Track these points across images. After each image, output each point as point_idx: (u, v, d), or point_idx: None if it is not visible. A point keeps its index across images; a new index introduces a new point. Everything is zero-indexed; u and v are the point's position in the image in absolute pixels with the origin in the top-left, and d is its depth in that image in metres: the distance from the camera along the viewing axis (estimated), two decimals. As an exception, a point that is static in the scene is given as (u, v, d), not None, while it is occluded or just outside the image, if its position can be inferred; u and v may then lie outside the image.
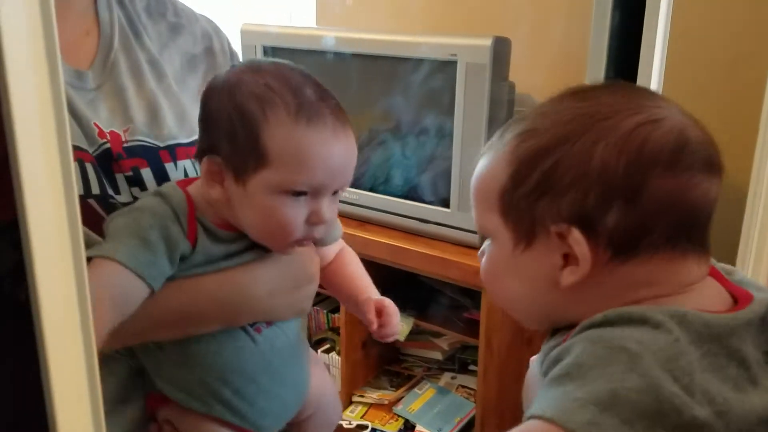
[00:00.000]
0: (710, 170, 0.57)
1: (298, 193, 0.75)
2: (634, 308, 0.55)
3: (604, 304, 0.56)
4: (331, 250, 0.94)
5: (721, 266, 0.63)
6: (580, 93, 0.61)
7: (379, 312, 0.88)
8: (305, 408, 0.91)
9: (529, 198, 0.58)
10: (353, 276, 0.94)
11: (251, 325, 0.82)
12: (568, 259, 0.58)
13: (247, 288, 0.80)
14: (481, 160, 0.64)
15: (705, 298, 0.58)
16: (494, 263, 0.64)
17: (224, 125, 0.75)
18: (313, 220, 0.77)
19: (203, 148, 0.79)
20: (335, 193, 0.79)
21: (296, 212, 0.75)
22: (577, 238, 0.56)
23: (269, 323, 0.83)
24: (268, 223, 0.76)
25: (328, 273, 0.92)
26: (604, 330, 0.54)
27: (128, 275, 0.71)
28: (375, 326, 0.87)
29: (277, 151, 0.73)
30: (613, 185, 0.55)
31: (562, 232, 0.57)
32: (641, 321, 0.53)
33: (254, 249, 0.81)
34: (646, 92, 0.61)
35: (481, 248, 0.67)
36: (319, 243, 0.89)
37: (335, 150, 0.75)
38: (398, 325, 0.88)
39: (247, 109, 0.74)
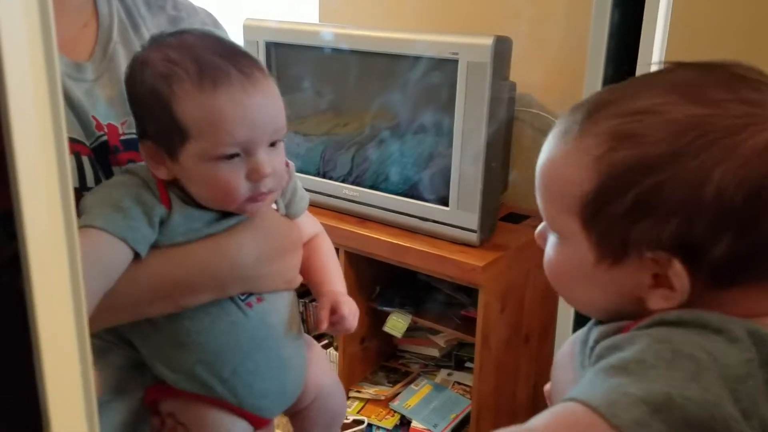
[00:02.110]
0: None
1: (230, 156, 0.75)
2: (712, 315, 0.50)
3: None
4: (305, 228, 0.94)
5: None
6: (694, 90, 0.52)
7: (334, 310, 0.88)
8: (305, 395, 0.92)
9: (623, 219, 0.52)
10: (322, 264, 0.95)
11: (243, 300, 0.82)
12: (659, 280, 0.52)
13: (233, 255, 0.81)
14: (553, 143, 0.57)
15: None
16: (567, 265, 0.58)
17: (144, 109, 0.78)
18: (254, 177, 0.77)
19: (138, 134, 0.81)
20: (273, 144, 0.79)
21: (234, 174, 0.76)
22: (677, 270, 0.51)
23: (260, 299, 0.84)
24: (211, 190, 0.78)
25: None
26: (675, 331, 0.50)
27: (109, 239, 0.72)
28: (324, 325, 0.88)
29: (192, 122, 0.74)
30: (729, 215, 0.49)
31: (660, 260, 0.51)
32: (717, 330, 0.49)
33: (234, 215, 0.82)
34: None
35: (540, 229, 0.61)
36: (291, 215, 0.90)
37: (249, 105, 0.75)
38: (350, 324, 0.89)
39: (156, 89, 0.75)
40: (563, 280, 0.60)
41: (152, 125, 0.77)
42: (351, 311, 0.89)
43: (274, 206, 0.87)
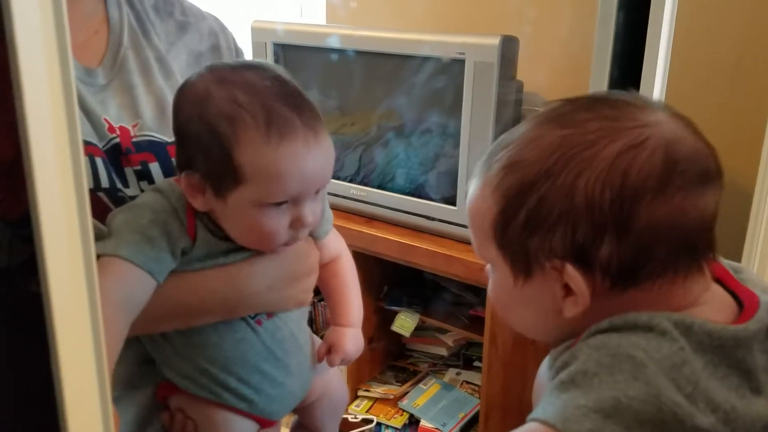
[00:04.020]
0: (706, 182, 0.55)
1: (279, 203, 0.76)
2: (640, 315, 0.54)
3: None
4: (327, 249, 0.94)
5: (728, 264, 0.62)
6: (563, 116, 0.58)
7: (329, 351, 0.92)
8: (311, 393, 0.94)
9: (521, 235, 0.57)
10: (340, 291, 0.96)
11: (252, 318, 0.83)
12: (569, 289, 0.57)
13: (246, 283, 0.81)
14: (473, 183, 0.63)
15: (710, 309, 0.57)
16: (499, 292, 0.64)
17: (197, 142, 0.76)
18: (296, 225, 0.78)
19: (181, 163, 0.80)
20: (317, 192, 0.79)
21: (278, 221, 0.77)
22: (571, 274, 0.56)
23: (270, 315, 0.85)
24: (252, 234, 0.78)
25: (320, 278, 0.93)
26: (609, 336, 0.54)
27: (136, 271, 0.73)
28: (318, 361, 0.92)
29: (251, 170, 0.74)
30: (601, 219, 0.54)
31: (557, 267, 0.56)
32: (647, 328, 0.53)
33: None
34: (634, 107, 0.57)
35: (486, 267, 0.66)
36: (315, 237, 0.91)
37: (309, 161, 0.75)
38: (343, 363, 0.93)
39: (218, 129, 0.74)
40: (501, 305, 0.65)
41: (203, 160, 0.76)
42: (346, 358, 0.91)
43: None
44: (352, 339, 0.93)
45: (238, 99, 0.74)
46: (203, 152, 0.75)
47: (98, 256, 0.70)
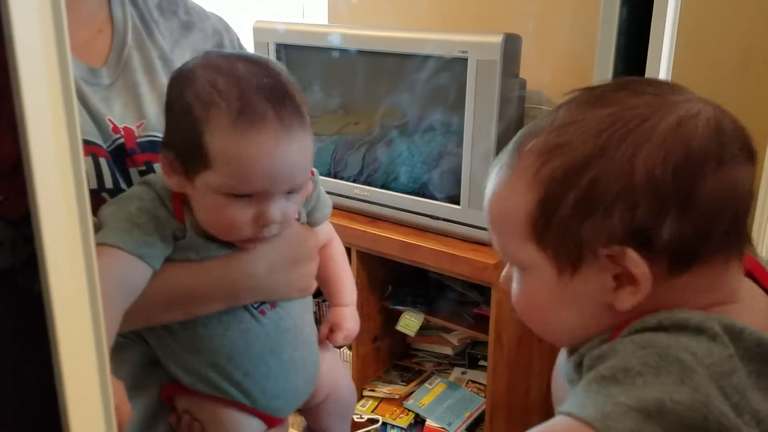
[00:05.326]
0: (749, 158, 0.54)
1: (243, 195, 0.75)
2: (691, 315, 0.51)
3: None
4: (321, 233, 0.95)
5: (766, 261, 0.60)
6: (599, 98, 0.55)
7: (332, 330, 0.95)
8: (317, 393, 0.93)
9: (570, 222, 0.53)
10: (336, 274, 0.98)
11: (256, 308, 0.83)
12: (621, 279, 0.53)
13: (246, 265, 0.81)
14: (493, 180, 0.59)
15: (756, 312, 0.55)
16: (535, 295, 0.58)
17: (175, 122, 0.77)
18: (260, 221, 0.76)
19: (162, 141, 0.81)
20: (291, 192, 0.78)
21: (241, 213, 0.75)
22: (634, 259, 0.51)
23: (274, 305, 0.85)
24: (214, 221, 0.78)
25: None
26: (657, 335, 0.50)
27: (125, 256, 0.73)
28: (321, 343, 0.95)
29: (217, 156, 0.73)
30: (664, 194, 0.50)
31: (615, 254, 0.52)
32: (698, 330, 0.50)
33: None
34: (668, 85, 0.56)
35: (505, 273, 0.62)
36: (312, 223, 0.92)
37: (276, 156, 0.73)
38: (343, 343, 0.98)
39: (192, 111, 0.74)
40: (538, 310, 0.60)
41: (179, 141, 0.76)
42: (348, 335, 0.96)
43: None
44: (352, 316, 0.97)
45: (217, 84, 0.74)
46: (178, 132, 0.76)
47: None
